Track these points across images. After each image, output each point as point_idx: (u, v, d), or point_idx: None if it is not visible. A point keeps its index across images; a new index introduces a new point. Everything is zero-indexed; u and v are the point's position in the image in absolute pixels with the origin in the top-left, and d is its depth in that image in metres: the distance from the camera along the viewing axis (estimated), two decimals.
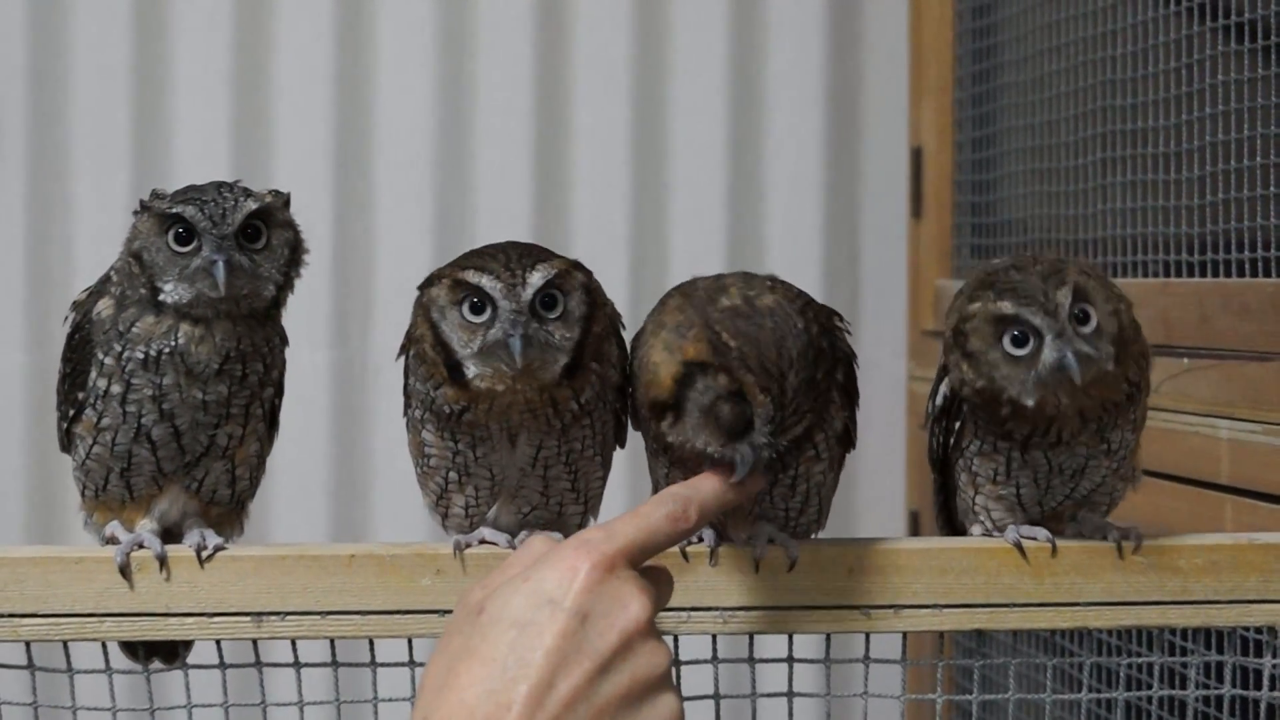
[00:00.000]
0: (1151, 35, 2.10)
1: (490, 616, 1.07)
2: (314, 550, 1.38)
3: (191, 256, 1.39)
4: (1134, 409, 1.44)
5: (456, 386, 1.37)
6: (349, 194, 2.74)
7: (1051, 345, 1.36)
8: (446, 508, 1.45)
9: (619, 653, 1.06)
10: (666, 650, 1.09)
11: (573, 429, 1.41)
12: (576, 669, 1.05)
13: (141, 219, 1.42)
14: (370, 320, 2.76)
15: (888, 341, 2.76)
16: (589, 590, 1.07)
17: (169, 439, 1.39)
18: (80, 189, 2.69)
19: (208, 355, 1.39)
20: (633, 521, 1.13)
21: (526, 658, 1.04)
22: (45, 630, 1.35)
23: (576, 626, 1.05)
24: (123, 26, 2.69)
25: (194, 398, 1.39)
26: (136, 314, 1.40)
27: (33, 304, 2.67)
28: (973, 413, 1.44)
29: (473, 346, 1.36)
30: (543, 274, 1.35)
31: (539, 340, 1.35)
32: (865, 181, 2.88)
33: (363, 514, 2.75)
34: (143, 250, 1.40)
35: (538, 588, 1.07)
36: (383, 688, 1.45)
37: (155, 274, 1.39)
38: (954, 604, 1.40)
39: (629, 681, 1.06)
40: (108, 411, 1.39)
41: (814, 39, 2.83)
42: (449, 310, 1.37)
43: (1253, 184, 1.86)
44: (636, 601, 1.08)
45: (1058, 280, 1.37)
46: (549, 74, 2.79)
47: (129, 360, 1.38)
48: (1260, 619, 1.42)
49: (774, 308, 1.27)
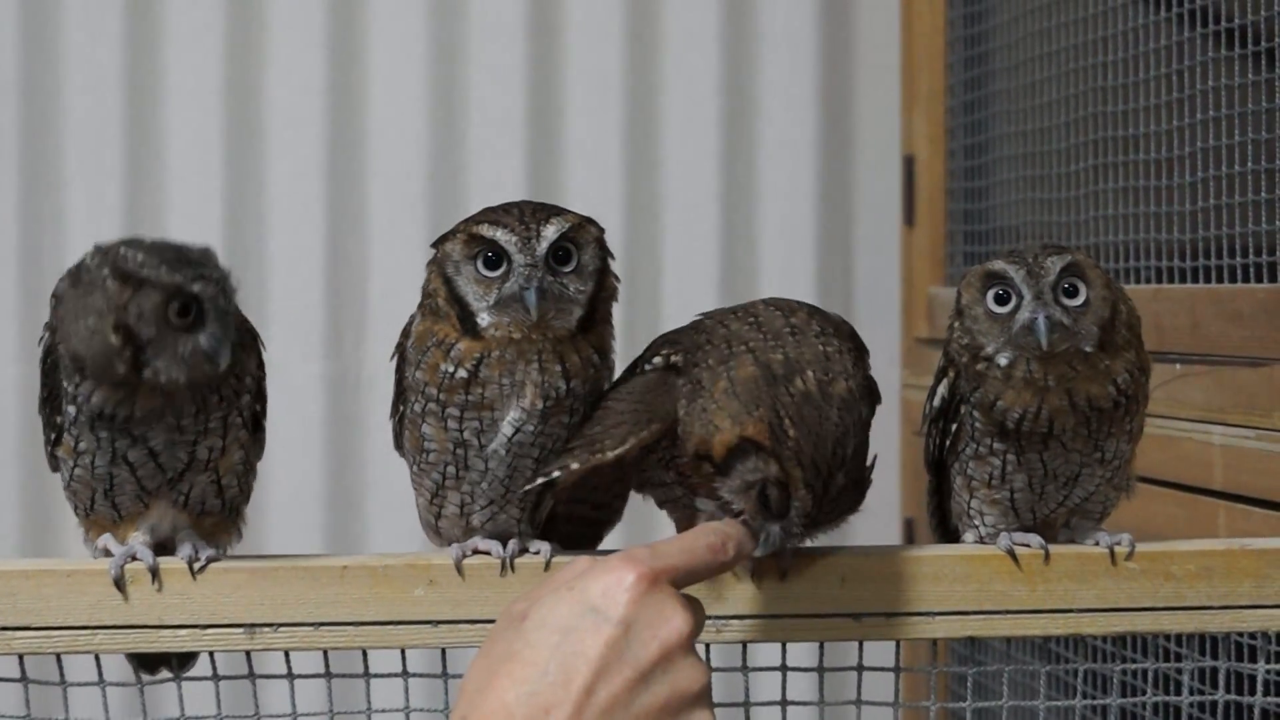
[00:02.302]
0: (1142, 41, 2.10)
1: (534, 622, 1.07)
2: (307, 561, 1.38)
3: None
4: (1130, 420, 1.45)
5: (470, 337, 1.38)
6: (342, 205, 2.74)
7: (1027, 305, 1.39)
8: (440, 507, 1.45)
9: (659, 664, 1.06)
10: (705, 669, 1.09)
11: (552, 415, 1.40)
12: (617, 677, 1.05)
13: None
14: (364, 331, 2.76)
15: (881, 349, 2.74)
16: (634, 601, 1.07)
17: (145, 460, 1.37)
18: (73, 201, 2.69)
19: (165, 412, 1.35)
20: (677, 544, 1.14)
21: (569, 663, 1.05)
22: (38, 643, 1.35)
23: (620, 635, 1.06)
24: (114, 38, 2.69)
25: (168, 421, 1.36)
26: (89, 385, 1.34)
27: (26, 316, 2.66)
28: (970, 411, 1.44)
29: (488, 300, 1.37)
30: (557, 227, 1.37)
31: (554, 292, 1.37)
32: (858, 190, 2.88)
33: (357, 525, 2.75)
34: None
35: (582, 596, 1.08)
36: (376, 699, 1.45)
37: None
38: (947, 611, 1.40)
39: (668, 693, 1.06)
40: (84, 437, 1.37)
41: (806, 48, 2.83)
42: (464, 265, 1.38)
43: (1244, 189, 1.86)
44: (679, 616, 1.08)
45: (1054, 250, 1.41)
46: (541, 85, 2.79)
47: (93, 390, 1.34)
48: (1254, 624, 1.42)
49: (845, 398, 1.29)
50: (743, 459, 1.28)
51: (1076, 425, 1.42)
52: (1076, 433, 1.42)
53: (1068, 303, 1.40)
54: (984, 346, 1.42)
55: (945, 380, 1.47)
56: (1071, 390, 1.40)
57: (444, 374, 1.39)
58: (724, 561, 1.16)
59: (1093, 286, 1.40)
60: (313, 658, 1.42)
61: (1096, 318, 1.40)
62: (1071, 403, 1.40)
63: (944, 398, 1.47)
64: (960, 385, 1.45)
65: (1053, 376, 1.40)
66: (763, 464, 1.26)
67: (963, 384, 1.45)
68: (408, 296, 1.41)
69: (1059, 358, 1.40)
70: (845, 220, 2.88)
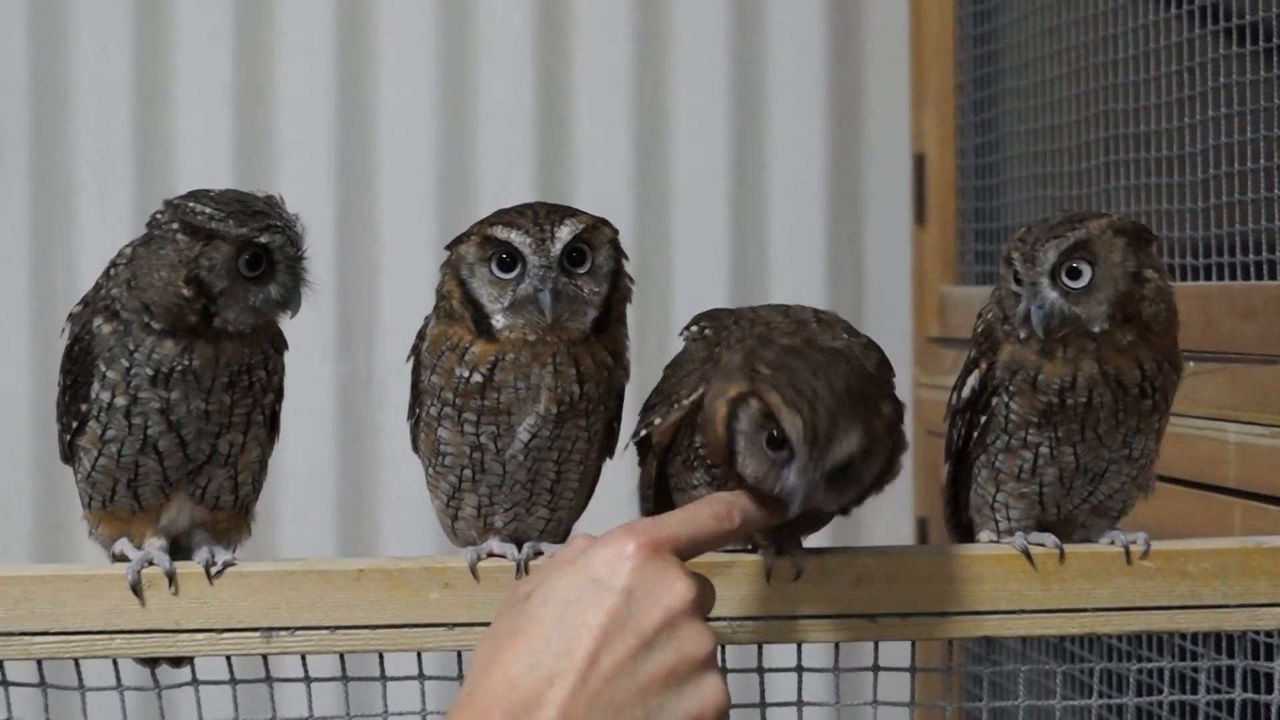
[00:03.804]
0: (1153, 39, 2.10)
1: (538, 599, 1.08)
2: (322, 565, 1.38)
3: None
4: (1159, 418, 1.45)
5: (485, 340, 1.38)
6: (352, 207, 2.74)
7: (1025, 294, 1.41)
8: (457, 509, 1.45)
9: (663, 630, 1.06)
10: (712, 635, 1.09)
11: (568, 419, 1.40)
12: (620, 645, 1.05)
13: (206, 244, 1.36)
14: (375, 333, 2.76)
15: (892, 349, 2.68)
16: (635, 570, 1.07)
17: (175, 449, 1.39)
18: (83, 205, 2.69)
19: (216, 372, 1.38)
20: (678, 515, 1.15)
21: (571, 633, 1.05)
22: (56, 648, 1.35)
23: (622, 603, 1.06)
24: (124, 42, 2.69)
25: (198, 408, 1.38)
26: (153, 341, 1.36)
27: (37, 321, 2.67)
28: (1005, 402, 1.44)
29: (503, 302, 1.37)
30: (571, 229, 1.37)
31: (568, 294, 1.37)
32: (868, 189, 2.88)
33: (370, 528, 2.75)
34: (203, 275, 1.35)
35: (585, 569, 1.08)
36: (392, 702, 1.45)
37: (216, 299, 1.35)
38: (962, 611, 1.40)
39: (674, 659, 1.06)
40: (112, 423, 1.38)
41: (815, 46, 2.83)
42: (478, 267, 1.38)
43: (1257, 187, 1.86)
44: (681, 582, 1.08)
45: (1064, 229, 1.41)
46: (550, 83, 2.79)
47: (136, 375, 1.37)
48: (1270, 623, 1.42)
49: (840, 350, 1.28)
50: (735, 420, 1.25)
51: (1114, 404, 1.41)
52: (1113, 413, 1.41)
53: (1070, 285, 1.40)
54: (1009, 318, 1.44)
55: (976, 372, 1.47)
56: (1101, 359, 1.40)
57: (459, 379, 1.39)
58: (730, 530, 1.17)
59: (1102, 263, 1.39)
60: (329, 661, 1.43)
61: (1107, 294, 1.39)
62: (1103, 371, 1.40)
63: (974, 389, 1.47)
64: (994, 375, 1.45)
65: (1071, 350, 1.40)
66: (748, 410, 1.24)
67: (999, 372, 1.44)
68: (419, 297, 1.42)
69: (1065, 339, 1.40)
70: (855, 219, 2.88)
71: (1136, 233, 1.42)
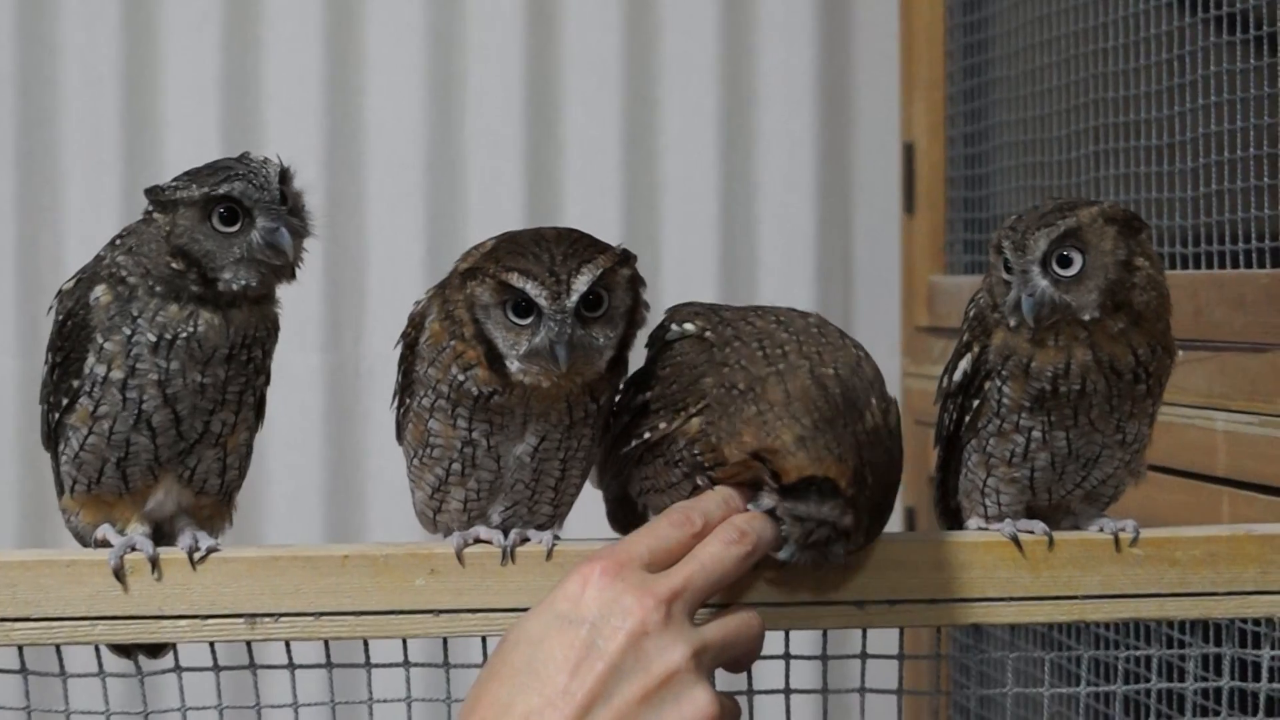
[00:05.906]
0: (1142, 28, 2.10)
1: (510, 641, 1.11)
2: (308, 551, 1.37)
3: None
4: (1152, 403, 1.45)
5: (493, 372, 1.35)
6: (340, 197, 2.74)
7: (1015, 283, 1.40)
8: (441, 502, 1.43)
9: (628, 653, 1.07)
10: (686, 644, 1.09)
11: (579, 425, 1.40)
12: (589, 674, 1.06)
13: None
14: (363, 323, 2.76)
15: (881, 338, 2.75)
16: (595, 598, 1.10)
17: (169, 425, 1.38)
18: (70, 192, 2.69)
19: (219, 340, 1.37)
20: (636, 532, 1.17)
21: (539, 670, 1.07)
22: (38, 634, 1.34)
23: (585, 634, 1.08)
24: (111, 30, 2.69)
25: (194, 381, 1.37)
26: (156, 304, 1.36)
27: (24, 308, 2.66)
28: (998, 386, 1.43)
29: (518, 349, 1.34)
30: (588, 277, 1.33)
31: (584, 344, 1.34)
32: (857, 178, 2.88)
33: (357, 517, 2.75)
34: (189, 243, 1.36)
35: (551, 605, 1.11)
36: (377, 688, 1.44)
37: (206, 263, 1.36)
38: (950, 598, 1.40)
39: (643, 680, 1.07)
40: (105, 398, 1.37)
41: (804, 35, 2.83)
42: (493, 309, 1.35)
43: (1246, 175, 1.86)
44: (632, 599, 1.08)
45: (1055, 217, 1.40)
46: (539, 74, 2.78)
47: (137, 343, 1.36)
48: (1259, 610, 1.41)
49: (896, 427, 1.29)
50: (819, 496, 1.24)
51: (1108, 389, 1.41)
52: (1107, 398, 1.41)
53: (1060, 273, 1.39)
54: (999, 305, 1.43)
55: (969, 355, 1.46)
56: (1095, 345, 1.40)
57: (456, 380, 1.37)
58: (693, 532, 1.17)
59: (1093, 251, 1.39)
60: (313, 647, 1.42)
61: (1097, 283, 1.39)
62: (1096, 359, 1.40)
63: (966, 373, 1.46)
64: (986, 359, 1.44)
65: (1063, 338, 1.40)
66: (838, 511, 1.24)
67: (991, 357, 1.44)
68: (407, 287, 1.41)
69: (1054, 327, 1.40)
70: (845, 208, 2.87)
71: (1127, 221, 1.42)
